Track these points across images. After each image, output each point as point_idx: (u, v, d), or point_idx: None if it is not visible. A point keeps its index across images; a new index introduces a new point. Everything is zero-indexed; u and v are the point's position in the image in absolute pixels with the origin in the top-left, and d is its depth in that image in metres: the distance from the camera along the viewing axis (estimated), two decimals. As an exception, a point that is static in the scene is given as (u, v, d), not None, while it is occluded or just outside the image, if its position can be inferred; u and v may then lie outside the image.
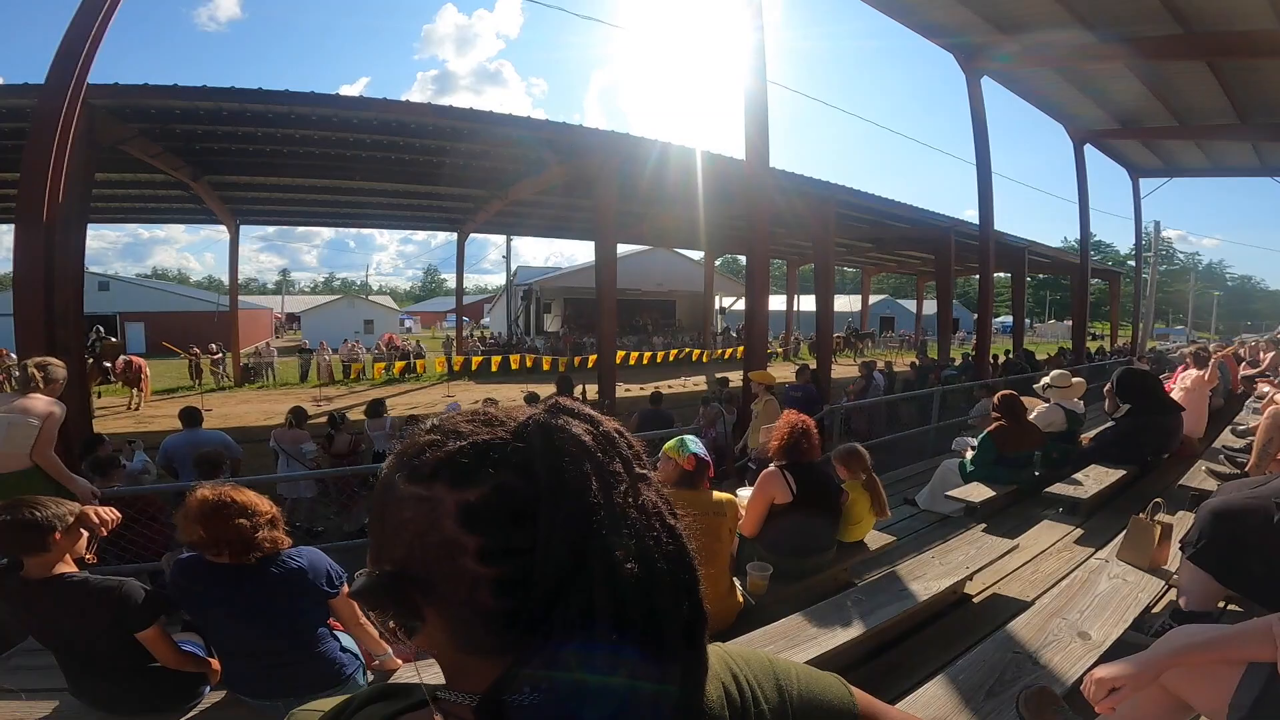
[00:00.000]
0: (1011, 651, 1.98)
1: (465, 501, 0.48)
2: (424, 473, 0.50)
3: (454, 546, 0.48)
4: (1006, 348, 17.16)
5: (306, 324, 38.84)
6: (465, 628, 0.49)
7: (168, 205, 14.48)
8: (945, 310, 16.16)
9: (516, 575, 0.47)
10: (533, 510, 0.47)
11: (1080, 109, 15.08)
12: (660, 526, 0.52)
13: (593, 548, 0.47)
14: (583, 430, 0.52)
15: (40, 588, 2.15)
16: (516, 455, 0.50)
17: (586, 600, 0.47)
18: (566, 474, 0.49)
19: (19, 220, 6.09)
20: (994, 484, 4.62)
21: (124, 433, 9.70)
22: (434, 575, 0.49)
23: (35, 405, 3.66)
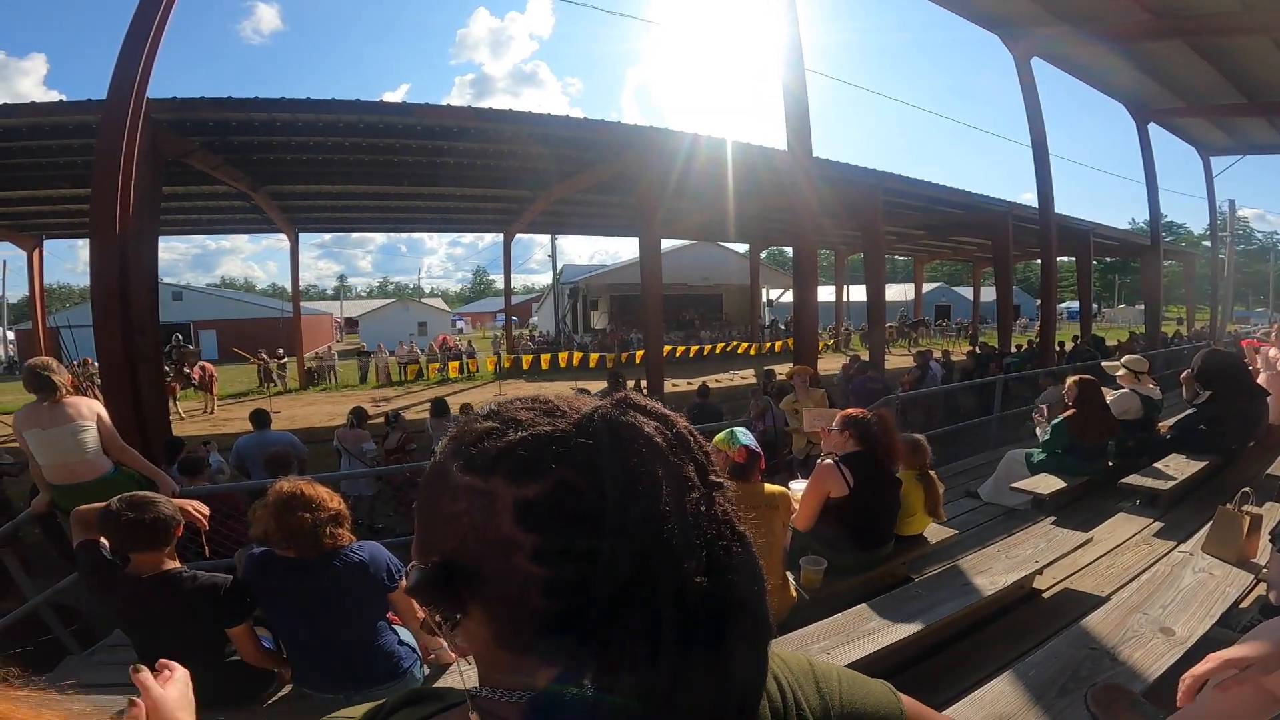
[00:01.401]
0: (1087, 648, 1.87)
1: (524, 498, 0.46)
2: (481, 463, 0.48)
3: (509, 544, 0.46)
4: (1074, 333, 16.41)
5: (364, 327, 40.24)
6: (511, 626, 0.47)
7: (231, 216, 15.15)
8: (1005, 296, 15.54)
9: (573, 579, 0.44)
10: (596, 512, 0.45)
11: (1141, 88, 14.30)
12: (731, 536, 0.49)
13: (660, 558, 0.44)
14: (654, 429, 0.49)
15: (149, 583, 2.20)
16: (581, 451, 0.47)
17: (650, 612, 0.44)
18: (636, 475, 0.46)
19: (93, 234, 6.43)
20: (1064, 475, 4.40)
21: (199, 435, 10.23)
22: (484, 571, 0.47)
23: (79, 409, 3.64)
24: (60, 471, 3.60)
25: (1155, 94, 14.60)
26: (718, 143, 9.99)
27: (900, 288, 39.81)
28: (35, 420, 3.62)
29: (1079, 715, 1.60)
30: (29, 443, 3.64)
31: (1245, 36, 10.63)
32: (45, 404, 3.60)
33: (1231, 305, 31.27)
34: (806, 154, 9.01)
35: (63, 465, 3.59)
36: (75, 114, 7.70)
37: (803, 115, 8.96)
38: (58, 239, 16.27)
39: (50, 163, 9.49)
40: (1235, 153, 19.63)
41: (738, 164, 10.29)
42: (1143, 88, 14.28)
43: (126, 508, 2.16)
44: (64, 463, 3.59)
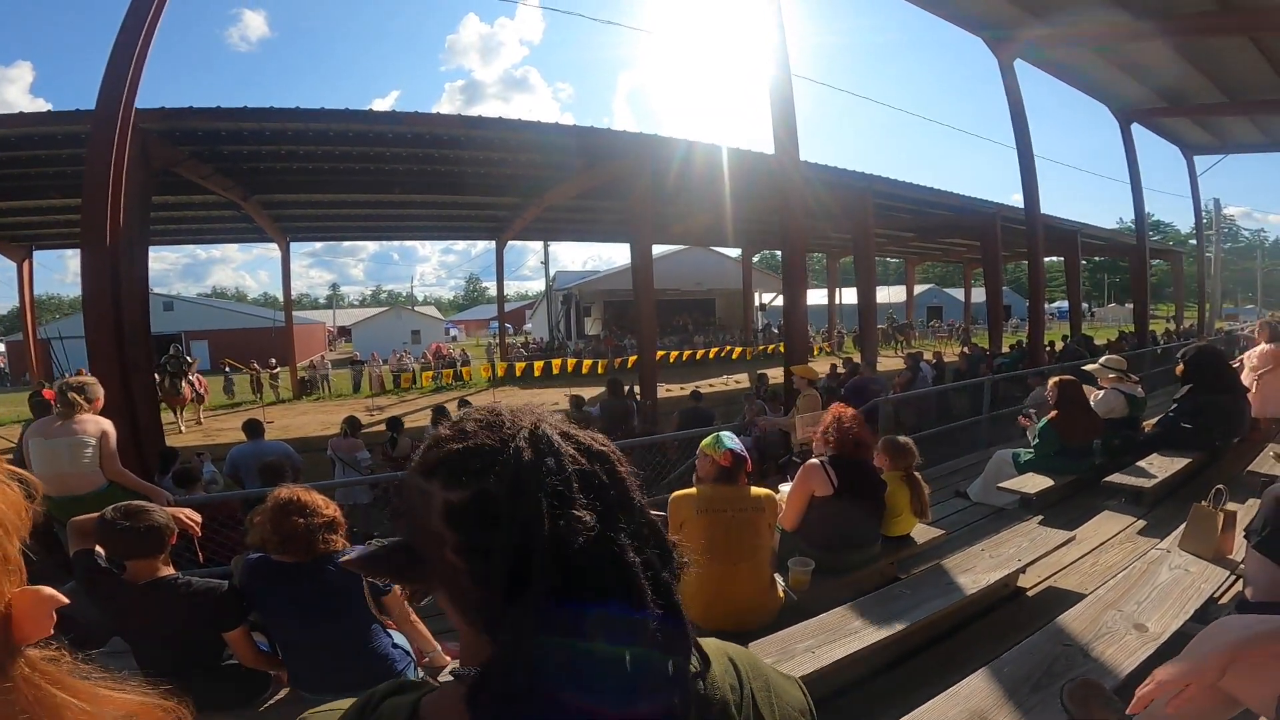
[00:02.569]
0: (1061, 644, 1.91)
1: (450, 501, 0.54)
2: (427, 467, 0.57)
3: (439, 538, 0.54)
4: (1063, 333, 16.53)
5: (357, 336, 40.19)
6: (458, 604, 0.56)
7: (222, 225, 15.12)
8: (995, 297, 15.66)
9: (485, 571, 0.52)
10: (508, 518, 0.52)
11: (1123, 88, 14.47)
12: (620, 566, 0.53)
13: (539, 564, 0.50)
14: (570, 455, 0.56)
15: (145, 590, 2.23)
16: (500, 464, 0.54)
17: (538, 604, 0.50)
18: (542, 494, 0.52)
19: (84, 244, 6.42)
20: (1051, 474, 4.45)
21: (192, 445, 10.20)
22: (428, 558, 0.56)
23: (86, 425, 3.76)
24: (55, 482, 3.63)
25: (1137, 94, 14.78)
26: (708, 148, 10.06)
27: (892, 290, 40.00)
28: (42, 430, 3.78)
29: (1053, 710, 1.64)
30: (29, 450, 3.75)
31: (1225, 36, 10.78)
32: (60, 419, 3.73)
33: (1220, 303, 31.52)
34: (795, 157, 9.07)
35: (57, 476, 3.64)
36: (64, 124, 7.69)
37: (790, 118, 9.03)
38: (47, 249, 16.14)
39: (39, 173, 9.47)
40: (1218, 151, 19.85)
41: (729, 168, 10.36)
42: (1125, 88, 14.45)
43: (121, 516, 2.21)
44: (59, 473, 3.64)
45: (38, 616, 0.51)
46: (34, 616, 0.51)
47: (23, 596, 0.51)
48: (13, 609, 0.50)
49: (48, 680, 0.51)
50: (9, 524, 0.51)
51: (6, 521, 0.50)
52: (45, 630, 0.51)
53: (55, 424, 3.75)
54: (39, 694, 0.49)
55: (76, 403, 3.73)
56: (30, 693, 0.49)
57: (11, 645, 0.49)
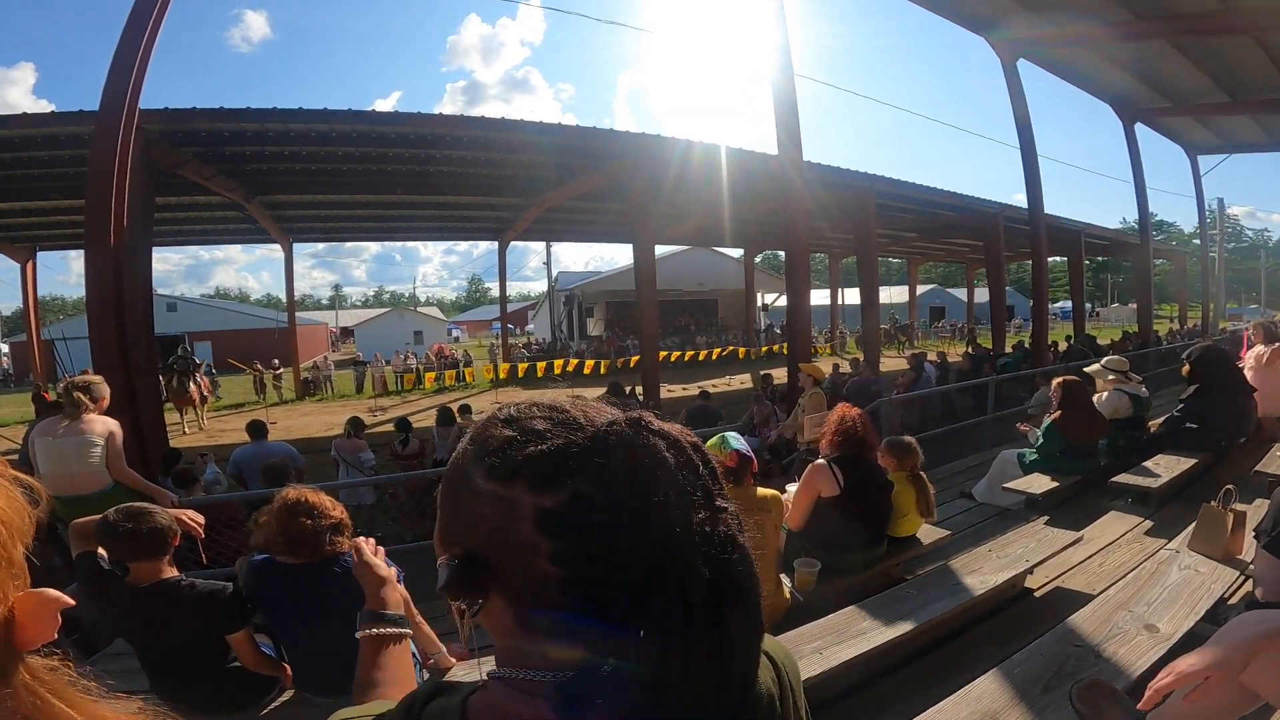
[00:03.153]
0: (1072, 645, 1.91)
1: (543, 506, 0.49)
2: (504, 473, 0.51)
3: (529, 547, 0.49)
4: (1067, 333, 16.50)
5: (360, 337, 40.21)
6: (531, 616, 0.51)
7: (225, 226, 15.12)
8: (998, 298, 15.64)
9: (587, 579, 0.48)
10: (610, 522, 0.48)
11: (1127, 88, 14.46)
12: (733, 550, 0.53)
13: (668, 566, 0.48)
14: (665, 447, 0.52)
15: (148, 592, 2.22)
16: (597, 467, 0.50)
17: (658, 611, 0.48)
18: (647, 492, 0.49)
19: (88, 245, 6.43)
20: (1056, 475, 4.44)
21: (195, 446, 10.22)
22: (505, 566, 0.51)
23: (93, 425, 3.75)
24: (60, 482, 3.63)
25: (1141, 94, 14.75)
26: (711, 148, 10.04)
27: (895, 290, 39.95)
28: (48, 430, 3.76)
29: (1063, 711, 1.63)
30: (36, 450, 3.73)
31: (1228, 36, 10.75)
32: (66, 419, 3.72)
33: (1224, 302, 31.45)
34: (798, 157, 9.08)
35: (64, 476, 3.64)
36: (68, 125, 7.67)
37: (793, 118, 9.03)
38: (50, 250, 16.14)
39: (42, 174, 9.46)
40: (1222, 151, 19.81)
41: (731, 169, 10.35)
42: (1128, 88, 14.42)
43: (124, 519, 2.19)
44: (65, 473, 3.64)
45: (42, 619, 0.49)
46: (38, 619, 0.49)
47: (26, 599, 0.49)
48: (15, 612, 0.48)
49: (49, 690, 0.49)
50: (13, 526, 0.49)
51: (11, 524, 0.49)
52: (49, 634, 0.50)
53: (62, 424, 3.74)
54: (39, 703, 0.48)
55: (82, 402, 3.72)
56: (30, 701, 0.47)
57: (14, 650, 0.47)
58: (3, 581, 0.47)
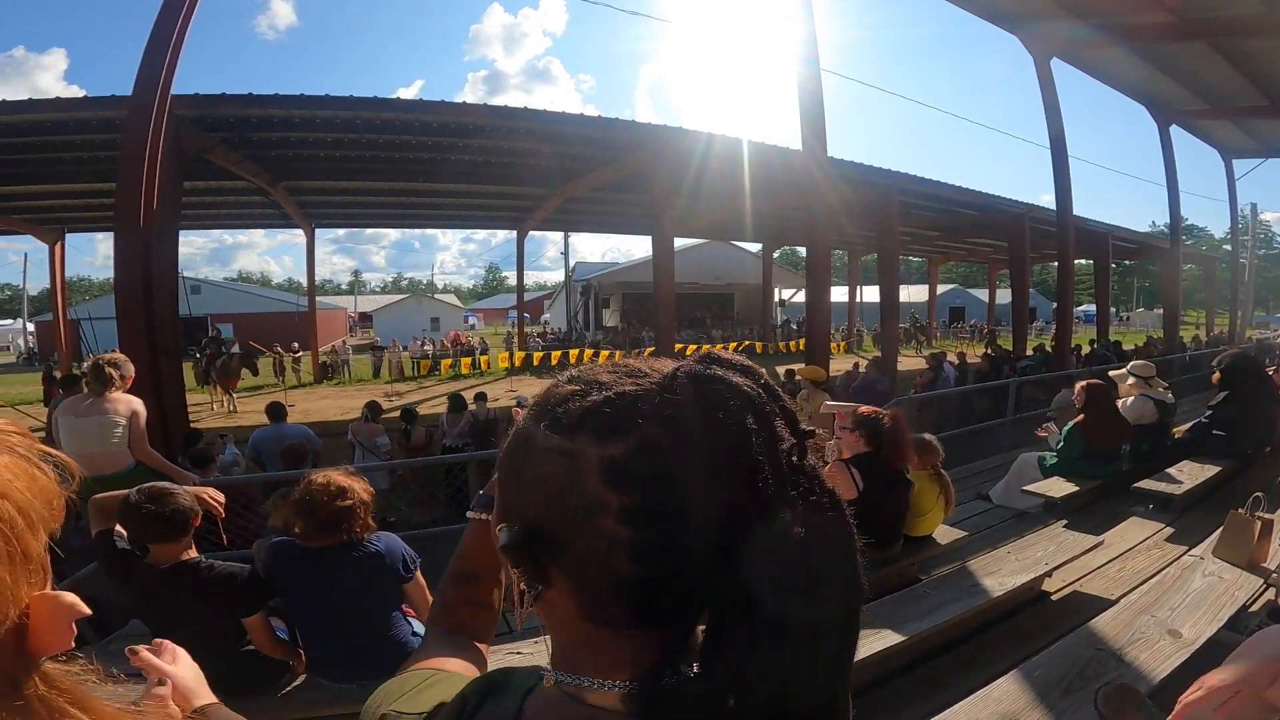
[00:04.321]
0: (1093, 648, 1.88)
1: (609, 456, 0.44)
2: (567, 423, 0.46)
3: (595, 504, 0.44)
4: (1090, 337, 16.25)
5: (378, 322, 40.59)
6: (596, 595, 0.46)
7: (249, 211, 15.30)
8: (1021, 299, 15.41)
9: (661, 540, 0.43)
10: (685, 468, 0.43)
11: (1162, 89, 14.12)
12: (822, 490, 0.46)
13: (754, 508, 0.42)
14: (742, 381, 0.46)
15: (167, 574, 2.21)
16: (667, 407, 0.45)
17: (745, 571, 0.42)
18: (725, 428, 0.43)
19: (118, 228, 6.52)
20: (1077, 479, 4.38)
21: (216, 427, 10.38)
22: (569, 534, 0.45)
23: (116, 404, 3.70)
24: (82, 461, 3.63)
25: (1177, 96, 14.42)
26: (732, 142, 9.98)
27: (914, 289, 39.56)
28: (72, 408, 3.74)
29: (1084, 714, 1.62)
30: (60, 428, 3.73)
31: (1269, 39, 10.48)
32: (92, 396, 3.70)
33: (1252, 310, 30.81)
34: (822, 153, 8.99)
35: (85, 455, 3.58)
36: (99, 109, 7.77)
37: (818, 114, 8.93)
38: (78, 233, 16.42)
39: (73, 157, 9.60)
40: (1258, 155, 19.36)
41: (752, 163, 10.28)
42: (1164, 89, 14.11)
43: (146, 500, 2.17)
44: (87, 452, 3.59)
45: (57, 626, 0.44)
46: (53, 626, 0.44)
47: (42, 603, 0.44)
48: (30, 616, 0.43)
49: (68, 699, 0.45)
50: (34, 515, 0.43)
51: (32, 512, 0.43)
52: (65, 643, 0.45)
53: (85, 402, 3.71)
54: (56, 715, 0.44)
55: (111, 378, 3.68)
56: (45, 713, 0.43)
57: (27, 657, 0.43)
58: (15, 579, 0.41)
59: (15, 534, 0.41)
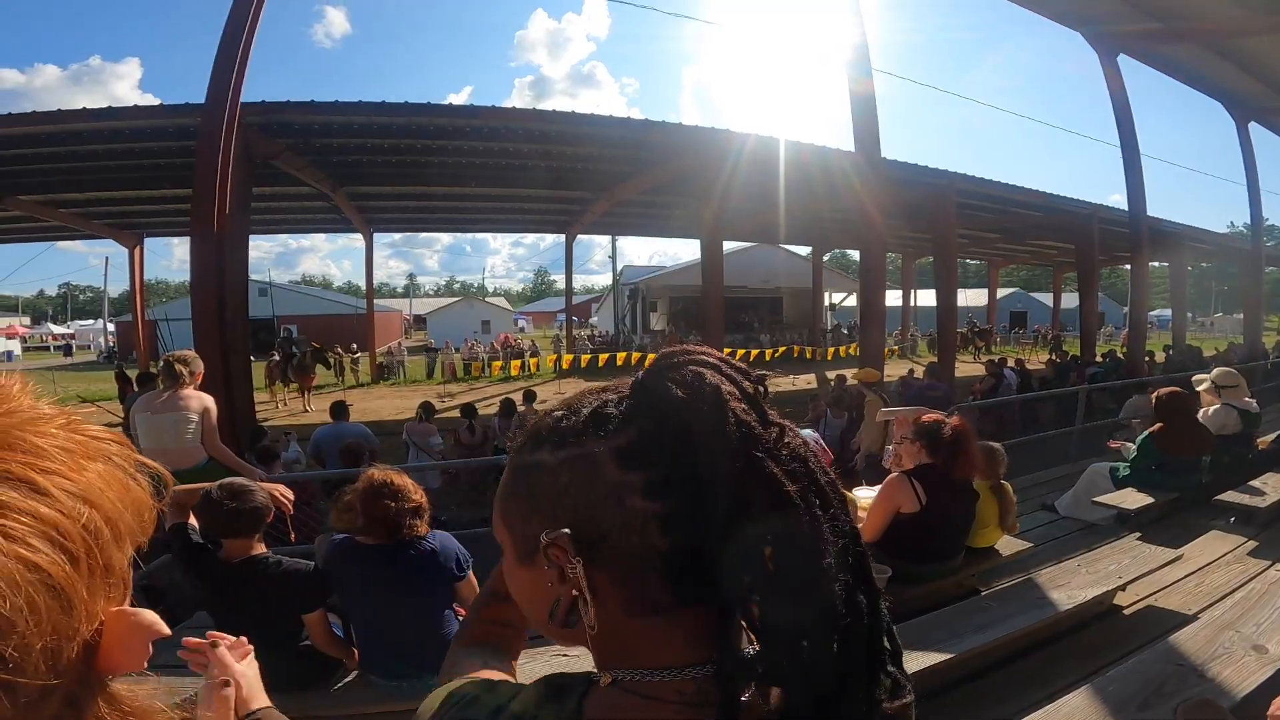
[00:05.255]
0: (1173, 664, 1.78)
1: (619, 445, 0.49)
2: (572, 435, 0.51)
3: (620, 487, 0.48)
4: (1165, 343, 15.42)
5: (431, 324, 41.62)
6: (638, 581, 0.48)
7: (312, 216, 15.95)
8: (1090, 304, 14.70)
9: (685, 507, 0.47)
10: (685, 438, 0.47)
11: (1239, 85, 13.34)
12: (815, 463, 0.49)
13: (754, 467, 0.46)
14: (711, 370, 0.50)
15: (238, 568, 2.28)
16: (646, 394, 0.51)
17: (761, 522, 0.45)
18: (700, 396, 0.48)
19: (194, 232, 6.87)
20: (1152, 490, 4.15)
21: (280, 425, 10.83)
22: (605, 526, 0.48)
23: (189, 401, 3.84)
24: (157, 456, 3.80)
25: (1256, 91, 13.59)
26: (779, 143, 9.87)
27: (972, 292, 38.22)
28: (147, 405, 3.91)
29: (1163, 733, 1.53)
30: (136, 425, 3.90)
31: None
32: (166, 392, 3.85)
33: (1345, 316, 28.67)
34: (876, 154, 8.81)
35: (161, 451, 3.71)
36: (175, 117, 8.15)
37: (870, 116, 8.76)
38: (156, 236, 17.31)
39: (152, 164, 10.09)
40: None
41: (801, 165, 10.14)
42: (1242, 85, 13.32)
43: (227, 496, 2.24)
44: (162, 448, 3.73)
45: (132, 645, 0.42)
46: (127, 644, 0.41)
47: (119, 620, 0.41)
48: (104, 631, 0.40)
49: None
50: (122, 527, 0.41)
51: (120, 523, 0.41)
52: (138, 664, 0.42)
53: (160, 399, 3.85)
54: None
55: (181, 374, 3.82)
56: None
57: (93, 677, 0.40)
58: (93, 592, 0.39)
59: (100, 545, 0.39)
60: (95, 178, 10.73)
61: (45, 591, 0.35)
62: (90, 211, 14.07)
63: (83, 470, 0.40)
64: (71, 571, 0.37)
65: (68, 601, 0.36)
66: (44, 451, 0.38)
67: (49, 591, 0.35)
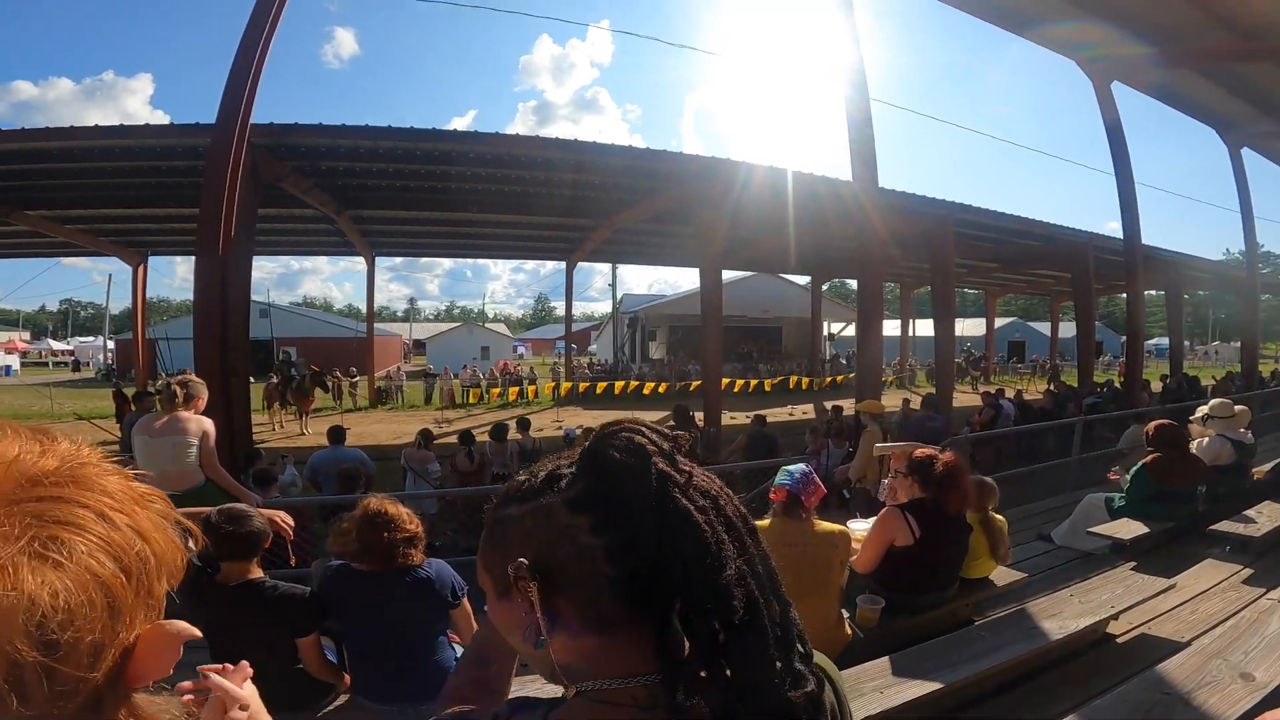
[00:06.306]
0: (1160, 692, 1.78)
1: (570, 497, 0.61)
2: (533, 492, 0.64)
3: (571, 529, 0.60)
4: (1162, 372, 15.44)
5: (430, 349, 41.65)
6: (594, 600, 0.60)
7: (315, 238, 16.06)
8: (1086, 333, 14.74)
9: (623, 539, 0.58)
10: (619, 487, 0.60)
11: (1233, 111, 13.59)
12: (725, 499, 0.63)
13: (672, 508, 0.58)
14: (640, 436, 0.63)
15: (235, 591, 2.30)
16: (592, 457, 0.63)
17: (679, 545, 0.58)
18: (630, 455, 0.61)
19: (199, 252, 6.88)
20: (1147, 520, 4.15)
21: (277, 447, 10.80)
22: (561, 560, 0.60)
23: (188, 424, 3.85)
24: (156, 480, 3.82)
25: (1249, 116, 13.83)
26: (780, 173, 9.98)
27: (969, 322, 38.33)
28: (145, 428, 3.91)
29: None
30: (136, 446, 3.89)
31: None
32: (165, 415, 3.86)
33: (1343, 346, 28.74)
34: (872, 183, 8.91)
35: (159, 474, 3.63)
36: (185, 137, 8.23)
37: (868, 144, 8.89)
38: (160, 255, 17.42)
39: (159, 183, 10.18)
40: (1340, 179, 18.31)
41: (800, 194, 10.26)
42: (1235, 110, 13.57)
43: (225, 520, 2.28)
44: (161, 471, 3.70)
45: (163, 654, 0.48)
46: (158, 654, 0.48)
47: (153, 631, 0.48)
48: (138, 644, 0.47)
49: None
50: (165, 561, 0.50)
51: (163, 557, 0.49)
52: (165, 671, 0.49)
53: (159, 422, 3.85)
54: None
55: (177, 397, 3.84)
56: None
57: (123, 685, 0.46)
58: (137, 608, 0.46)
59: (146, 572, 0.47)
60: (103, 194, 10.81)
61: (103, 596, 0.43)
62: (96, 228, 14.18)
63: (137, 513, 0.49)
64: (125, 585, 0.44)
65: (118, 609, 0.44)
66: (110, 492, 0.48)
67: (105, 597, 0.43)
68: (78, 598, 0.41)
